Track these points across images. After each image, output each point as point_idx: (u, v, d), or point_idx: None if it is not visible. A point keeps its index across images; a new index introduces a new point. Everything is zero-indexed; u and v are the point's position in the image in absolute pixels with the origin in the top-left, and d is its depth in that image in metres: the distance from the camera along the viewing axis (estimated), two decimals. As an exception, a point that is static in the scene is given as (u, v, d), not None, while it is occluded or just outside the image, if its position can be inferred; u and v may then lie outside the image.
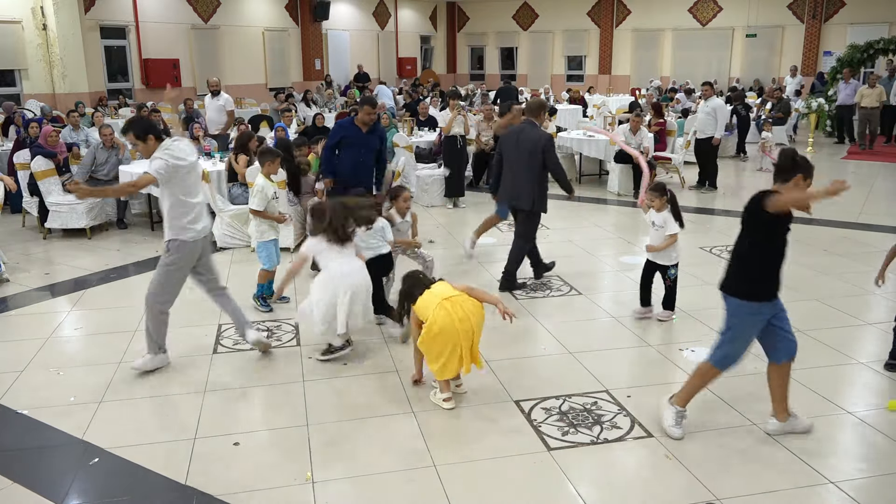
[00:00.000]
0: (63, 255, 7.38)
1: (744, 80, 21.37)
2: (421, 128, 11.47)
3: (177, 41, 17.29)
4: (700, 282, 6.37)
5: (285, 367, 4.72)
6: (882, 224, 8.35)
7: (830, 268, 6.74)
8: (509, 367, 4.68)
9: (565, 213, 9.00)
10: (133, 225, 8.61)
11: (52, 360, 4.86)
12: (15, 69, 13.98)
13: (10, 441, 3.87)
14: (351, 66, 22.11)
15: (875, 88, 14.31)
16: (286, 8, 20.36)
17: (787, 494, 3.32)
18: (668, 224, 5.33)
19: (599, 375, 4.53)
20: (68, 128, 10.28)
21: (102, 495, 3.41)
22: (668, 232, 5.33)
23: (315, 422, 3.99)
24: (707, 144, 10.50)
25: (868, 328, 5.33)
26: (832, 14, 20.58)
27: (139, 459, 3.63)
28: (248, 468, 3.57)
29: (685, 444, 3.73)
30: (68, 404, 4.22)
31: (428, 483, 3.43)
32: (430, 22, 26.64)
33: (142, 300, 4.60)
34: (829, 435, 3.86)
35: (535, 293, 6.07)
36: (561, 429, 3.89)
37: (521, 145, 5.96)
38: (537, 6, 25.38)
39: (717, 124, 10.39)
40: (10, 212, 8.92)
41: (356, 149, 6.52)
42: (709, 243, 7.60)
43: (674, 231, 5.32)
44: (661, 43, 23.41)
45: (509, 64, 26.68)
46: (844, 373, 4.59)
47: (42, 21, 13.91)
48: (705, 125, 10.47)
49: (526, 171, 5.94)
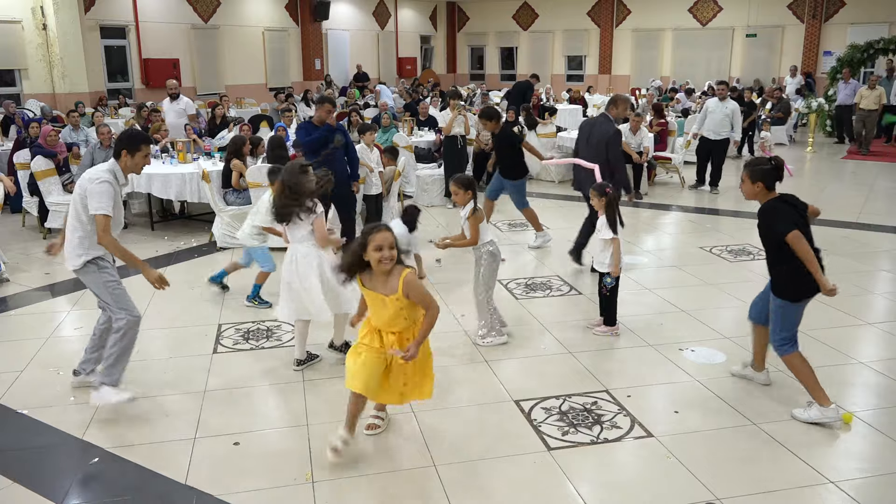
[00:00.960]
0: (63, 255, 7.36)
1: (744, 80, 21.36)
2: (421, 128, 11.47)
3: (177, 41, 17.29)
4: (700, 282, 6.37)
5: (285, 367, 4.71)
6: (882, 224, 8.35)
7: (830, 268, 6.67)
8: (509, 367, 4.68)
9: (565, 212, 9.00)
10: (133, 225, 8.60)
11: (52, 360, 4.86)
12: (15, 69, 13.98)
13: (10, 441, 3.87)
14: (351, 66, 22.11)
15: (875, 90, 13.97)
16: (286, 8, 20.36)
17: (787, 494, 3.32)
18: (601, 228, 5.04)
19: (599, 375, 4.53)
20: (68, 128, 10.28)
21: (102, 495, 3.41)
22: (601, 236, 5.04)
23: (315, 422, 3.99)
24: (721, 146, 10.16)
25: (868, 328, 5.33)
26: (832, 14, 20.58)
27: (139, 459, 3.63)
28: (248, 468, 3.57)
29: (685, 444, 3.73)
30: (68, 404, 4.22)
31: (428, 483, 3.43)
32: (430, 22, 26.64)
33: (142, 300, 4.59)
34: (830, 435, 3.86)
35: (534, 293, 6.07)
36: (561, 429, 3.89)
37: (591, 137, 6.35)
38: (537, 6, 25.38)
39: (736, 126, 10.14)
40: (10, 212, 8.92)
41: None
42: (708, 243, 7.60)
43: (606, 236, 4.99)
44: (661, 43, 23.41)
45: (509, 64, 26.68)
46: (844, 373, 4.59)
47: (42, 21, 13.91)
48: (721, 127, 10.11)
49: (593, 160, 6.13)
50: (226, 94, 15.08)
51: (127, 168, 4.01)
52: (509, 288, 6.19)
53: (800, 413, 3.97)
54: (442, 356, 4.86)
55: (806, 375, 3.95)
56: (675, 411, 4.09)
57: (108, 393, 4.02)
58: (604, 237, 5.02)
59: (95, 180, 3.87)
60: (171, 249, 7.56)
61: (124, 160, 3.98)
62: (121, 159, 3.98)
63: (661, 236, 8.22)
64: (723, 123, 10.10)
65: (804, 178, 11.57)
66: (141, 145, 4.00)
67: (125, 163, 3.99)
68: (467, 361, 4.77)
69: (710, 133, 10.20)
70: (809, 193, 9.41)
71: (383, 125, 9.99)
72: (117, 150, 3.99)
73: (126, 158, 3.98)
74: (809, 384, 3.95)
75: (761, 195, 3.99)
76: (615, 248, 4.97)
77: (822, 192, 10.22)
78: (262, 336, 5.22)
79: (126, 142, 4.01)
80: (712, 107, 10.22)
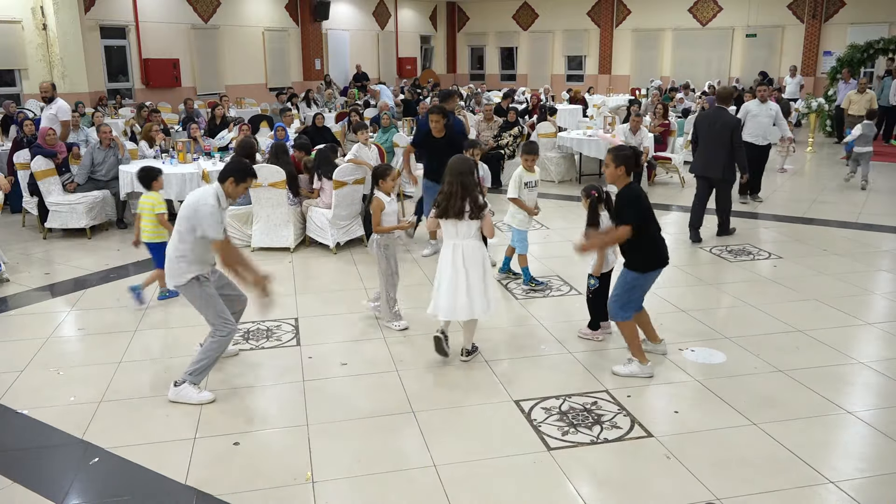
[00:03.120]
0: (63, 255, 7.38)
1: (744, 80, 21.36)
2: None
3: (177, 41, 17.28)
4: (700, 282, 6.37)
5: (285, 367, 4.72)
6: (882, 224, 8.35)
7: (830, 268, 6.74)
8: (509, 367, 4.68)
9: (565, 212, 9.01)
10: (133, 225, 8.60)
11: (52, 360, 4.87)
12: (15, 69, 13.98)
13: (10, 441, 3.88)
14: (350, 66, 22.11)
15: (865, 94, 13.04)
16: (286, 8, 20.35)
17: (787, 494, 3.32)
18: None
19: (599, 375, 4.53)
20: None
21: (102, 495, 3.41)
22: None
23: (315, 422, 3.99)
24: (765, 152, 9.36)
25: (868, 328, 5.33)
26: (832, 14, 20.57)
27: (139, 459, 3.63)
28: (248, 468, 3.57)
29: (685, 444, 3.74)
30: (68, 404, 4.22)
31: (428, 483, 3.43)
32: (430, 22, 26.63)
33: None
34: (829, 435, 3.86)
35: (534, 293, 6.07)
36: (561, 429, 3.89)
37: (714, 126, 7.46)
38: (537, 6, 25.37)
39: (782, 126, 9.53)
40: (10, 212, 8.93)
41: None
42: (708, 243, 7.60)
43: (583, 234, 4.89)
44: (661, 43, 23.40)
45: (509, 64, 26.67)
46: (844, 373, 4.59)
47: (42, 21, 13.90)
48: (766, 131, 9.27)
49: (718, 147, 7.39)
50: (226, 94, 15.08)
51: (229, 193, 4.24)
52: (509, 288, 6.20)
53: (620, 368, 4.50)
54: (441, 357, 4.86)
55: (633, 338, 4.51)
56: (675, 411, 4.10)
57: (190, 392, 4.20)
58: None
59: (204, 204, 4.11)
60: (171, 249, 7.56)
61: (229, 186, 4.21)
62: (226, 184, 4.20)
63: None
64: (768, 127, 9.28)
65: (804, 177, 11.56)
66: (248, 178, 4.27)
67: (228, 189, 4.22)
68: (467, 361, 4.77)
69: (755, 138, 9.19)
70: (809, 193, 9.41)
71: (383, 125, 10.00)
72: (225, 176, 4.21)
73: (230, 185, 4.21)
74: (635, 345, 4.51)
75: (621, 180, 4.40)
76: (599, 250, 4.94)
77: (822, 191, 10.23)
78: (262, 336, 5.22)
79: (236, 171, 4.23)
80: (754, 110, 9.30)
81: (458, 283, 4.53)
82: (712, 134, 7.43)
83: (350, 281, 6.49)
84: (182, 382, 4.22)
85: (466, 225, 4.51)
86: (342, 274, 6.73)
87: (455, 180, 4.47)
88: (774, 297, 5.96)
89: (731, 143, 7.33)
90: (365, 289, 6.21)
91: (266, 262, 6.64)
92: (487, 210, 4.56)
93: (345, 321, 5.54)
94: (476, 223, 4.54)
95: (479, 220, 4.53)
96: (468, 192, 4.47)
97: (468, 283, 4.52)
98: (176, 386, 4.23)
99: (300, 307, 5.77)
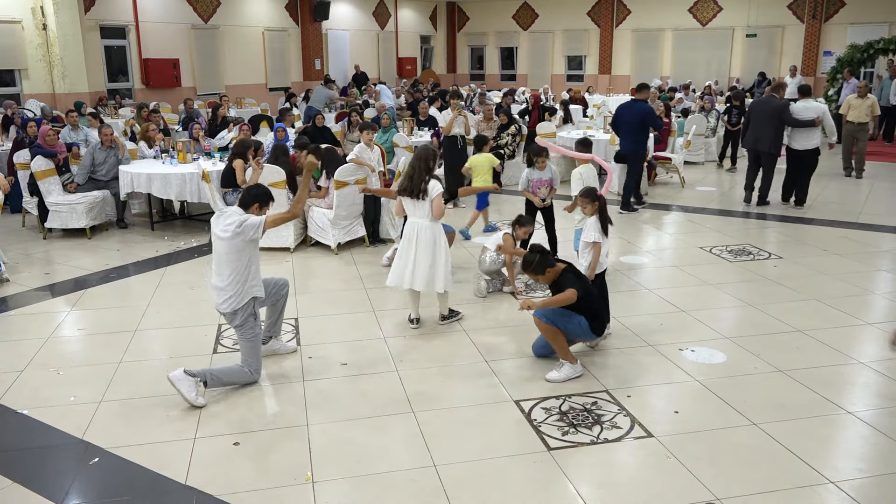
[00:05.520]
0: (63, 255, 7.38)
1: (744, 80, 21.37)
2: (421, 128, 11.46)
3: (177, 41, 17.27)
4: (700, 282, 6.37)
5: (285, 367, 4.72)
6: (882, 224, 8.35)
7: (830, 268, 6.73)
8: (509, 367, 4.68)
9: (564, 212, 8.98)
10: (133, 225, 8.61)
11: (52, 360, 4.86)
12: (15, 69, 13.97)
13: (10, 441, 3.88)
14: (350, 66, 22.10)
15: (866, 99, 11.30)
16: (286, 8, 20.34)
17: (787, 494, 3.32)
18: (588, 230, 4.94)
19: (599, 375, 4.53)
20: (67, 128, 10.27)
21: (102, 495, 3.41)
22: (586, 238, 4.95)
23: (315, 422, 3.99)
24: (813, 157, 9.04)
25: (868, 328, 5.33)
26: (832, 14, 20.57)
27: (139, 459, 3.63)
28: (248, 468, 3.57)
29: (685, 444, 3.74)
30: (68, 404, 4.22)
31: (428, 483, 3.43)
32: (430, 22, 26.62)
33: (141, 300, 4.60)
34: (829, 435, 3.86)
35: (534, 293, 6.07)
36: (561, 429, 3.89)
37: (765, 109, 8.94)
38: (537, 6, 25.37)
39: (829, 129, 9.23)
40: (10, 212, 8.92)
41: None
42: (708, 243, 7.60)
43: (591, 239, 4.91)
44: (661, 43, 23.39)
45: (509, 64, 26.65)
46: (844, 373, 4.59)
47: (42, 21, 13.89)
48: (813, 133, 8.94)
49: (768, 125, 8.90)
50: (226, 94, 15.07)
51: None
52: (509, 288, 6.19)
53: (555, 375, 4.45)
54: (442, 357, 4.86)
55: (561, 344, 4.48)
56: (675, 411, 4.10)
57: (188, 384, 4.12)
58: (587, 239, 4.95)
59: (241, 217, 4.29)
60: (171, 249, 7.56)
61: (253, 211, 4.38)
62: (250, 209, 4.37)
63: (662, 236, 8.22)
64: (812, 130, 8.92)
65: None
66: (269, 202, 4.47)
67: (253, 212, 4.39)
68: (467, 361, 4.78)
69: (804, 143, 8.96)
70: (809, 193, 9.41)
71: (383, 125, 9.99)
72: (250, 202, 4.37)
73: (255, 209, 4.38)
74: (564, 350, 4.48)
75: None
76: (595, 252, 4.92)
77: (822, 191, 10.22)
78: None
79: (260, 197, 4.42)
80: (799, 111, 8.95)
81: (407, 256, 5.09)
82: (762, 115, 8.88)
83: (350, 281, 6.49)
84: (193, 376, 4.14)
85: (421, 205, 5.04)
86: (342, 274, 6.73)
87: (416, 164, 5.04)
88: (774, 297, 5.97)
89: (780, 122, 8.78)
90: (365, 289, 6.21)
91: (266, 262, 6.62)
92: (438, 193, 5.00)
93: (345, 321, 5.55)
94: (426, 203, 5.00)
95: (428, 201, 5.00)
96: (424, 176, 5.00)
97: (416, 258, 5.06)
98: (185, 373, 4.14)
99: (300, 307, 5.77)
